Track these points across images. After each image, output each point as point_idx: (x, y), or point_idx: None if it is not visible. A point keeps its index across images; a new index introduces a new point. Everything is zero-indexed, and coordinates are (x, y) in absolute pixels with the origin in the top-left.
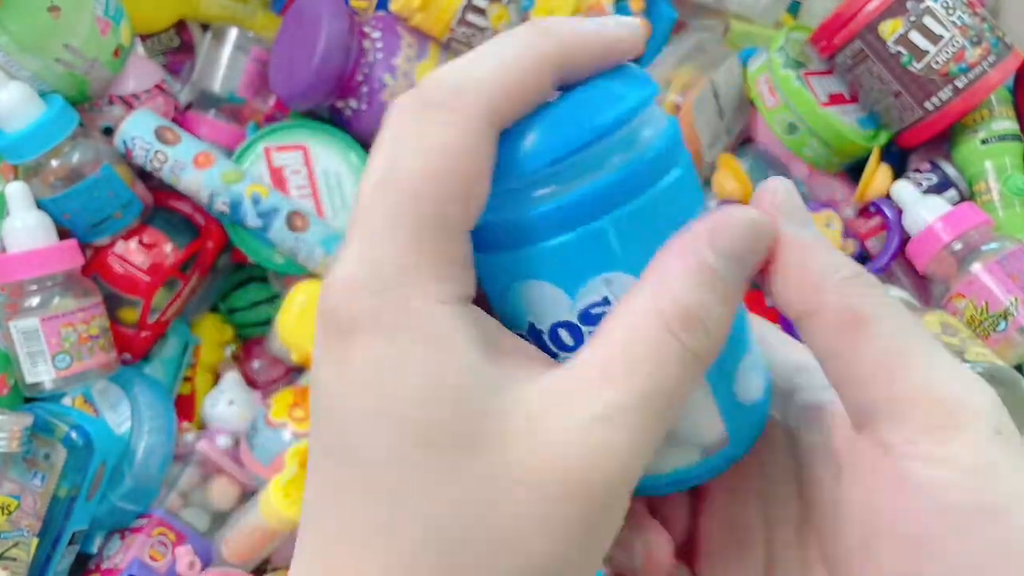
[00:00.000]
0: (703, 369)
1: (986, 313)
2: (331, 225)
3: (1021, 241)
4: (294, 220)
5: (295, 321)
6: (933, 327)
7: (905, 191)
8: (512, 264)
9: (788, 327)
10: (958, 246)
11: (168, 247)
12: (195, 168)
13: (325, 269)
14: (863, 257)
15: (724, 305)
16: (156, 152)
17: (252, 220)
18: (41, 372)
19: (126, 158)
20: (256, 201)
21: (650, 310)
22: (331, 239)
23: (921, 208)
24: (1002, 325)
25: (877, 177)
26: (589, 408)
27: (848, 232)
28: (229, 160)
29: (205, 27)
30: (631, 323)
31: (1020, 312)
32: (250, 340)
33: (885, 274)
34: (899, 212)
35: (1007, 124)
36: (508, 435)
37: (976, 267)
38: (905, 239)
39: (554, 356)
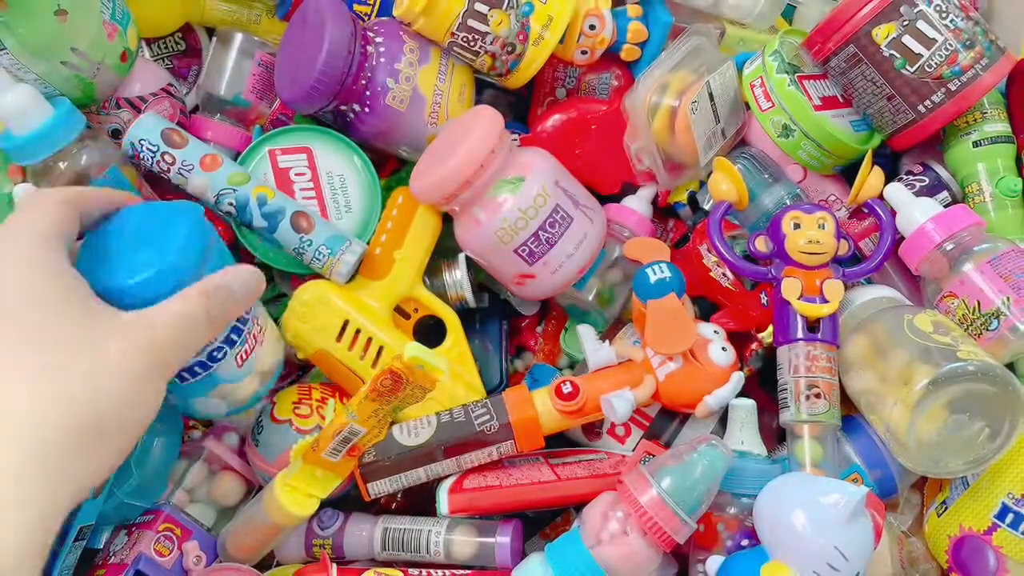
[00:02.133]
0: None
1: (978, 312)
2: (336, 226)
3: (1013, 242)
4: (299, 221)
5: (298, 319)
6: (925, 327)
7: (898, 192)
8: None
9: (784, 330)
10: (950, 246)
11: None
12: (202, 170)
13: (330, 269)
14: (856, 258)
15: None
16: (163, 154)
17: (258, 221)
18: None
19: (134, 160)
20: (262, 202)
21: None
22: (336, 239)
23: (914, 209)
24: (994, 324)
25: (870, 180)
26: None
27: (840, 233)
28: (235, 162)
29: (210, 31)
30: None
31: (1012, 311)
32: None
33: (878, 274)
34: (892, 213)
35: (999, 126)
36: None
37: (968, 267)
38: (899, 240)
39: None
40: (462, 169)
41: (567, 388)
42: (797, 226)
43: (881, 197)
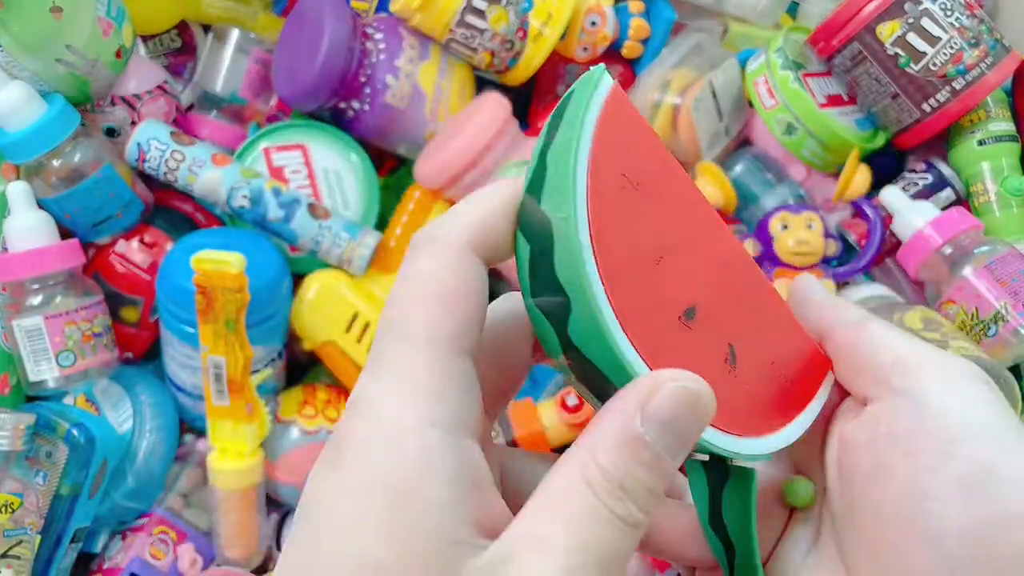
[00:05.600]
0: (636, 533)
1: (977, 318)
2: (349, 216)
3: (1011, 244)
4: (315, 209)
5: (308, 310)
6: (915, 324)
7: (895, 196)
8: None
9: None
10: (948, 250)
11: (169, 246)
12: (214, 165)
13: (350, 254)
14: (850, 255)
15: (651, 472)
16: (173, 151)
17: (274, 212)
18: (44, 370)
19: (139, 161)
20: (277, 193)
21: (579, 477)
22: (353, 226)
23: (911, 213)
24: (993, 330)
25: (856, 178)
26: (538, 573)
27: (829, 233)
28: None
29: (206, 28)
30: (564, 488)
31: (1011, 316)
32: None
33: (882, 274)
34: (878, 210)
35: (1004, 125)
36: None
37: (967, 271)
38: (896, 243)
39: None
40: (467, 149)
41: (572, 400)
42: (785, 227)
43: (868, 196)
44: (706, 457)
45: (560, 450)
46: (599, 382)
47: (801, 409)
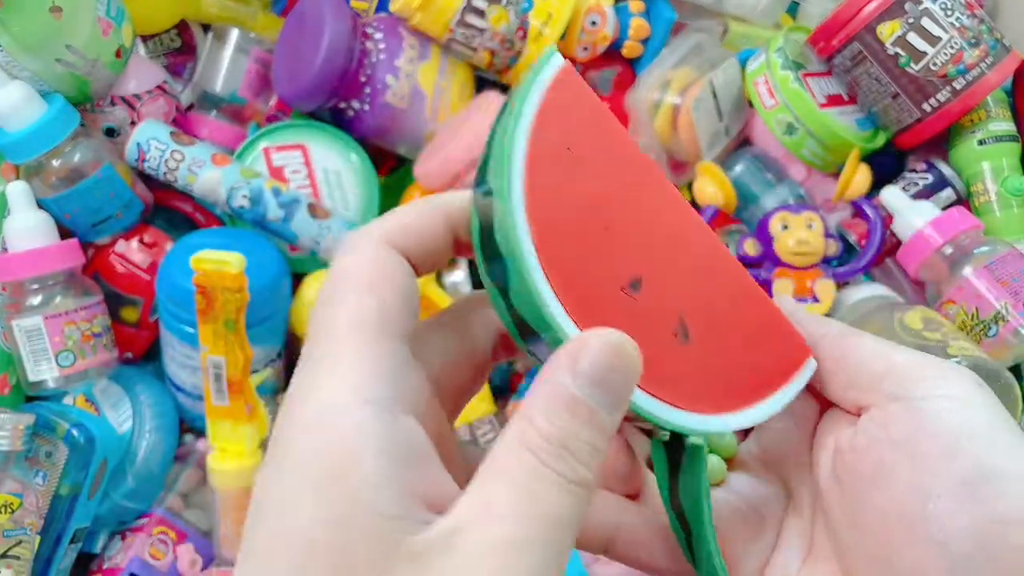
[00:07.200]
0: (583, 492)
1: (977, 319)
2: (348, 215)
3: (1011, 245)
4: (315, 209)
5: (308, 310)
6: (915, 324)
7: (895, 197)
8: None
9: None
10: (949, 250)
11: (169, 246)
12: (214, 165)
13: None
14: (850, 255)
15: (589, 429)
16: (172, 151)
17: (274, 212)
18: (44, 370)
19: (138, 161)
20: (277, 193)
21: (518, 442)
22: (353, 225)
23: (911, 213)
24: (993, 330)
25: (856, 178)
26: (486, 542)
27: (829, 232)
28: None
29: (206, 28)
30: (505, 456)
31: (1011, 316)
32: None
33: (882, 274)
34: (878, 210)
35: (1004, 125)
36: (419, 560)
37: (967, 271)
38: (896, 243)
39: None
40: (467, 149)
41: None
42: (785, 227)
43: (868, 196)
44: (667, 436)
45: None
46: (544, 352)
47: (772, 392)
